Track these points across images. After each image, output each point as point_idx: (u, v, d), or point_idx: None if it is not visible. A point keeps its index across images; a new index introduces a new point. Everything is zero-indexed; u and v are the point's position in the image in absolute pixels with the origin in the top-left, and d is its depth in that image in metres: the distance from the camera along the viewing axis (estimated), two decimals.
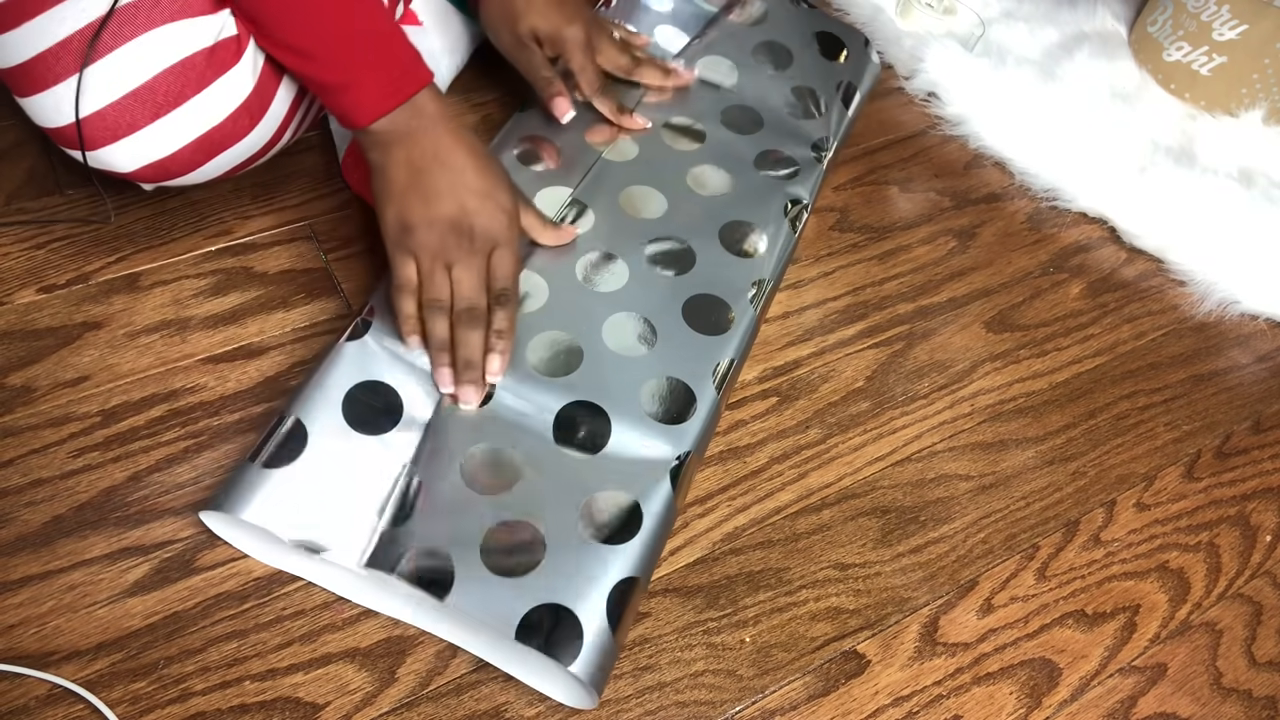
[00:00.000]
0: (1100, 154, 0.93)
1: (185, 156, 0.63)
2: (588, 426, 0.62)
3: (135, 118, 0.60)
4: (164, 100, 0.60)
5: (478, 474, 0.59)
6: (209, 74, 0.61)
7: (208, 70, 0.61)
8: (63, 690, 0.53)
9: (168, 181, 0.64)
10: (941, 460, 0.71)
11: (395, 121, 0.61)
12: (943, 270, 0.84)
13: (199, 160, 0.63)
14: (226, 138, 0.63)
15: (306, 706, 0.54)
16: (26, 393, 0.64)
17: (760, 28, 0.89)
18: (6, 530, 0.58)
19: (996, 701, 0.60)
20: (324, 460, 0.58)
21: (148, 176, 0.63)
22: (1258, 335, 0.85)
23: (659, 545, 0.60)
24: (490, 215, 0.62)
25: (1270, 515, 0.72)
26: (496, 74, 0.91)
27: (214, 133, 0.63)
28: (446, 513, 0.58)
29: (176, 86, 0.60)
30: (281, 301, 0.72)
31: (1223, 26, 0.97)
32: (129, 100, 0.59)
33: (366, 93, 0.60)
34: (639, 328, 0.68)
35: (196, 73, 0.60)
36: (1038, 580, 0.66)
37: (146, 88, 0.59)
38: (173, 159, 0.62)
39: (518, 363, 0.64)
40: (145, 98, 0.60)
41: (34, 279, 0.70)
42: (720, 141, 0.82)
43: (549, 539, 0.57)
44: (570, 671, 0.53)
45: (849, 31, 0.93)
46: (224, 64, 0.61)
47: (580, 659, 0.53)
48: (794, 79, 0.87)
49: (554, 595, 0.55)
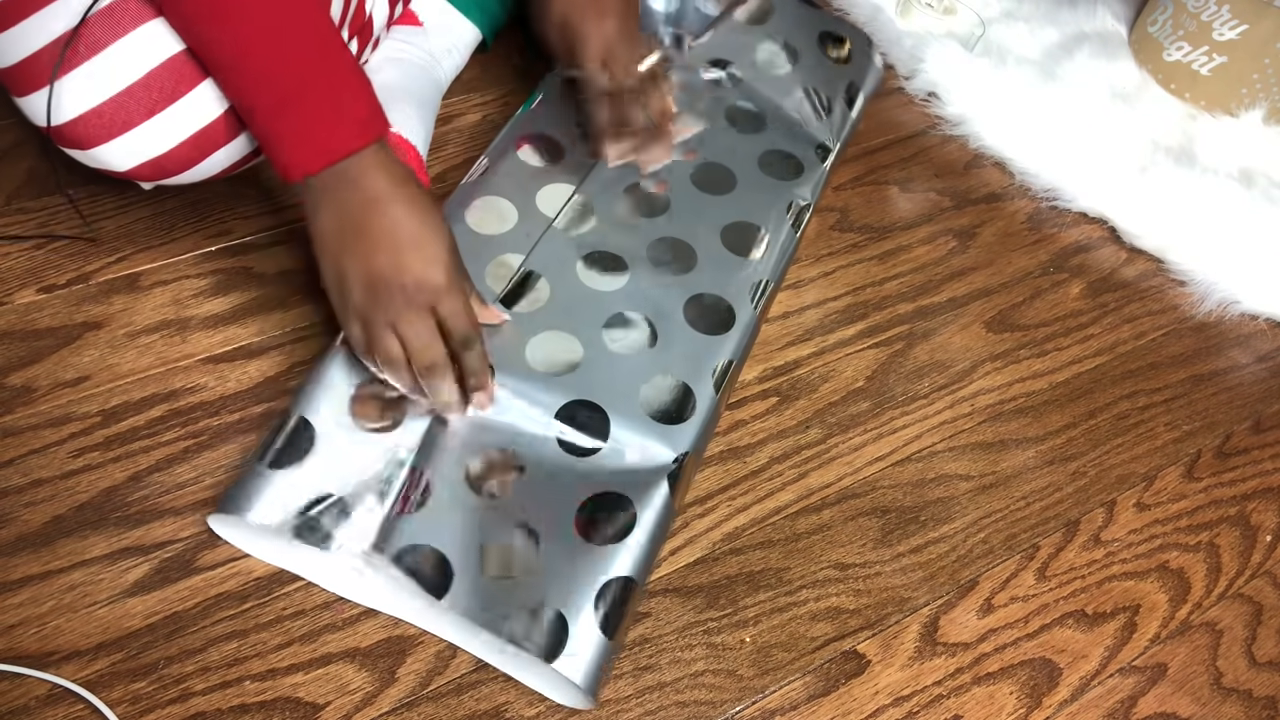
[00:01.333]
0: (1100, 154, 0.93)
1: (182, 154, 0.62)
2: (587, 426, 0.62)
3: (131, 114, 0.60)
4: (159, 96, 0.60)
5: (479, 473, 0.59)
6: (203, 70, 0.61)
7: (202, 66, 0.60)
8: (63, 690, 0.53)
9: (165, 180, 0.64)
10: (942, 460, 0.71)
11: (332, 173, 0.58)
12: (943, 270, 0.84)
13: (195, 157, 0.63)
14: (222, 134, 0.63)
15: (307, 706, 0.54)
16: (27, 393, 0.64)
17: (764, 27, 0.89)
18: (6, 530, 0.58)
19: (997, 701, 0.60)
20: (329, 459, 0.58)
21: (145, 174, 0.63)
22: (1258, 335, 0.85)
23: (656, 545, 0.60)
24: (423, 267, 0.58)
25: (1270, 515, 0.72)
26: (497, 74, 0.91)
27: (209, 129, 0.62)
28: (447, 510, 0.58)
29: (171, 83, 0.60)
30: (281, 301, 0.72)
31: (1223, 26, 0.97)
32: (124, 97, 0.59)
33: (307, 142, 0.57)
34: (640, 327, 0.68)
35: (191, 68, 0.60)
36: (1038, 580, 0.66)
37: (141, 84, 0.59)
38: (169, 156, 0.62)
39: (518, 362, 0.64)
40: (140, 94, 0.59)
41: (34, 279, 0.70)
42: (724, 141, 0.82)
43: (544, 539, 0.57)
44: (561, 673, 0.53)
45: (853, 32, 0.93)
46: None
47: (572, 660, 0.53)
48: (799, 79, 0.87)
49: (547, 596, 0.55)
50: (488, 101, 0.89)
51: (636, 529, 0.58)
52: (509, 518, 0.58)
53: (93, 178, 0.76)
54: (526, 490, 0.59)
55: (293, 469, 0.57)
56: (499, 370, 0.63)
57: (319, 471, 0.57)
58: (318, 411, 0.59)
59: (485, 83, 0.90)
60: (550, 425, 0.62)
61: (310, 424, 0.59)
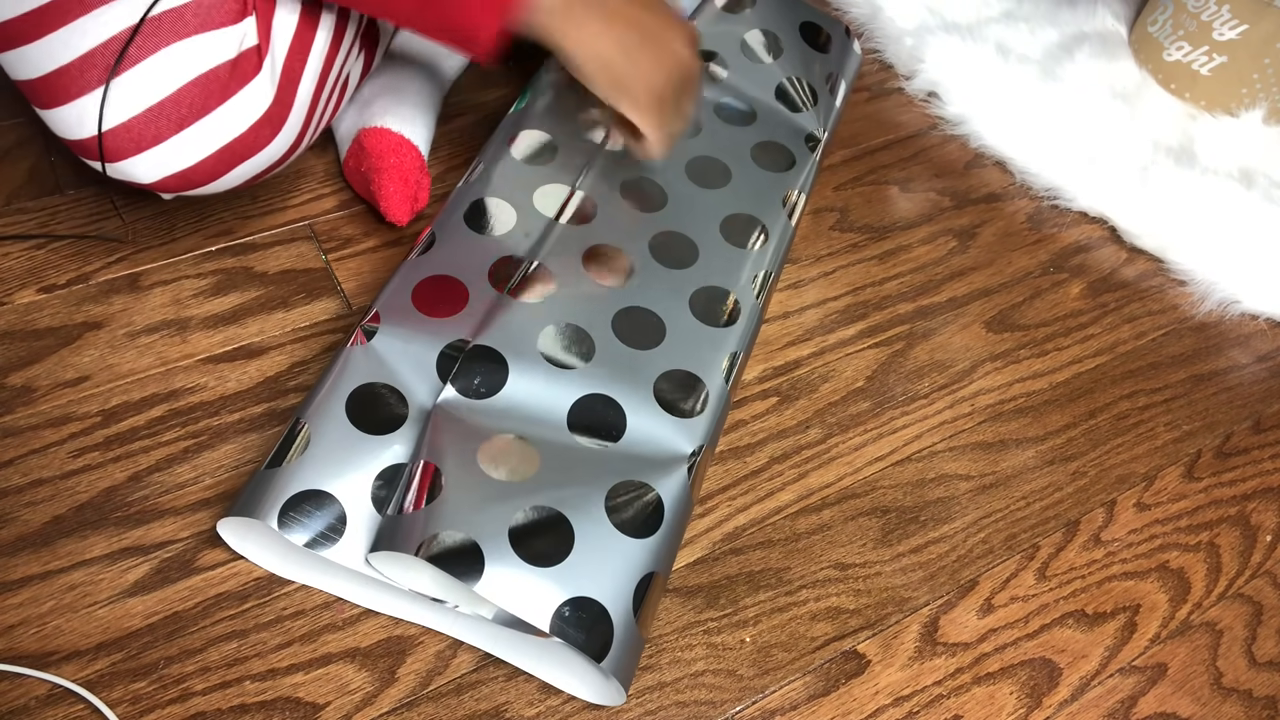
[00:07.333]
0: (1100, 154, 0.93)
1: (207, 167, 0.63)
2: (602, 418, 0.62)
3: (160, 130, 0.60)
4: (188, 112, 0.60)
5: (496, 461, 0.58)
6: (232, 85, 0.61)
7: (231, 81, 0.61)
8: (63, 690, 0.53)
9: (188, 191, 0.65)
10: (942, 460, 0.71)
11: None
12: (943, 270, 0.84)
13: (220, 170, 0.64)
14: (248, 148, 0.64)
15: (307, 706, 0.54)
16: (27, 393, 0.64)
17: (744, 17, 0.89)
18: (6, 530, 0.58)
19: (997, 701, 0.60)
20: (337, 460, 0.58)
21: (169, 187, 0.63)
22: (1258, 335, 0.85)
23: (678, 540, 0.60)
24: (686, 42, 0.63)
25: (1270, 515, 0.72)
26: (497, 74, 0.91)
27: (236, 143, 0.63)
28: (467, 499, 0.56)
29: (201, 98, 0.60)
30: (281, 301, 0.72)
31: (1223, 26, 0.97)
32: (154, 112, 0.60)
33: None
34: (646, 320, 0.68)
35: (220, 84, 0.60)
36: (1038, 580, 0.66)
37: (172, 100, 0.60)
38: (195, 170, 0.62)
39: (530, 353, 0.63)
40: (170, 110, 0.60)
41: (34, 279, 0.70)
42: (716, 134, 0.82)
43: (577, 530, 0.56)
44: (605, 670, 0.53)
45: (831, 21, 0.93)
46: (246, 75, 0.62)
47: (611, 655, 0.53)
48: (784, 70, 0.87)
49: (584, 589, 0.54)
50: (489, 101, 0.89)
51: (663, 522, 0.58)
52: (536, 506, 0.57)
53: (95, 179, 0.76)
54: (549, 481, 0.58)
55: (301, 472, 0.57)
56: (511, 358, 0.62)
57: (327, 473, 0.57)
58: (324, 420, 0.59)
59: (485, 83, 0.90)
60: (565, 418, 0.62)
61: (316, 431, 0.58)
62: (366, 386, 0.61)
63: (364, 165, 0.75)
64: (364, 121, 0.77)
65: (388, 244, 0.76)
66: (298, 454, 0.57)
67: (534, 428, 0.61)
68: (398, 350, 0.62)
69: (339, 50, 0.69)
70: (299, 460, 0.57)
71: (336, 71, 0.70)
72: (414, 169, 0.75)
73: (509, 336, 0.63)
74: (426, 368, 0.62)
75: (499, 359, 0.62)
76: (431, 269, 0.67)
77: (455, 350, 0.62)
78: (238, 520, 0.57)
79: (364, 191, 0.77)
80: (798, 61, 0.88)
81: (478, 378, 0.62)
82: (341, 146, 0.79)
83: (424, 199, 0.76)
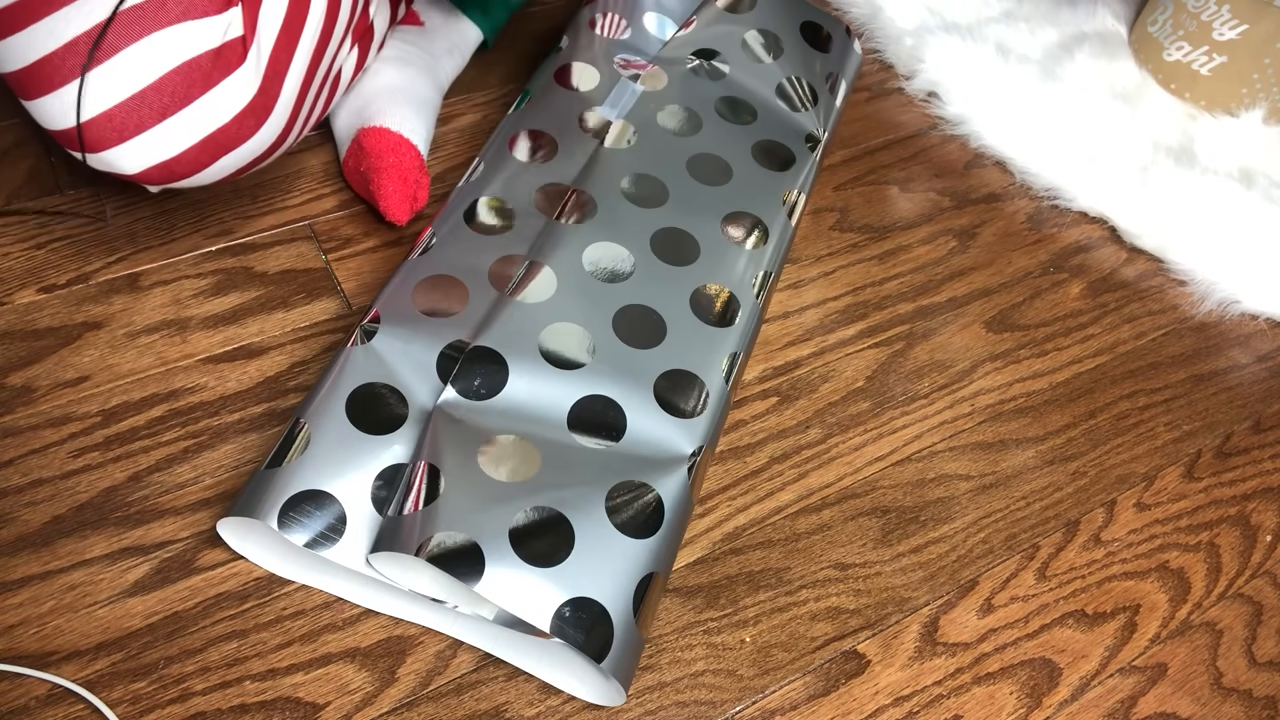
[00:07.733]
0: (1100, 154, 0.93)
1: (191, 158, 0.62)
2: (602, 418, 0.62)
3: (142, 119, 0.60)
4: (170, 101, 0.60)
5: (497, 462, 0.59)
6: (215, 74, 0.61)
7: (214, 70, 0.61)
8: (63, 690, 0.53)
9: (173, 184, 0.64)
10: (941, 460, 0.71)
11: None
12: (943, 270, 0.84)
13: (204, 161, 0.63)
14: (232, 139, 0.63)
15: (307, 706, 0.54)
16: (26, 393, 0.64)
17: (747, 16, 0.89)
18: (6, 530, 0.58)
19: (997, 701, 0.60)
20: (337, 460, 0.58)
21: (153, 178, 0.63)
22: (1258, 335, 0.85)
23: (679, 540, 0.60)
24: None
25: (1270, 515, 0.72)
26: (497, 74, 0.91)
27: (219, 134, 0.63)
28: (467, 499, 0.56)
29: (183, 87, 0.60)
30: (281, 301, 0.72)
31: (1223, 26, 0.97)
32: (135, 101, 0.59)
33: None
34: (647, 319, 0.68)
35: (203, 73, 0.60)
36: (1038, 580, 0.66)
37: (154, 88, 0.59)
38: (178, 160, 0.62)
39: (530, 353, 0.63)
40: (152, 99, 0.59)
41: (34, 279, 0.70)
42: (717, 132, 0.82)
43: (577, 531, 0.56)
44: (606, 672, 0.53)
45: (831, 21, 0.93)
46: (230, 64, 0.61)
47: (611, 655, 0.53)
48: (784, 70, 0.87)
49: (584, 589, 0.54)
50: (488, 101, 0.89)
51: (663, 523, 0.58)
52: (537, 506, 0.57)
53: (95, 177, 0.76)
54: (549, 481, 0.58)
55: (301, 472, 0.57)
56: (511, 359, 0.62)
57: (328, 473, 0.57)
58: (324, 420, 0.59)
59: (485, 83, 0.90)
60: (565, 417, 0.62)
61: (317, 432, 0.58)
62: (366, 386, 0.61)
63: (363, 165, 0.75)
64: (363, 121, 0.77)
65: (388, 244, 0.77)
66: (298, 454, 0.57)
67: (534, 428, 0.61)
68: (398, 350, 0.62)
69: (329, 43, 0.69)
70: (299, 460, 0.57)
71: (326, 65, 0.70)
72: (413, 169, 0.75)
73: (509, 337, 0.63)
74: (426, 368, 0.62)
75: (499, 360, 0.62)
76: (431, 269, 0.67)
77: (455, 351, 0.63)
78: (238, 520, 0.57)
79: (363, 191, 0.77)
80: (798, 61, 0.88)
81: (478, 379, 0.62)
82: (341, 146, 0.79)
83: (423, 199, 0.76)
